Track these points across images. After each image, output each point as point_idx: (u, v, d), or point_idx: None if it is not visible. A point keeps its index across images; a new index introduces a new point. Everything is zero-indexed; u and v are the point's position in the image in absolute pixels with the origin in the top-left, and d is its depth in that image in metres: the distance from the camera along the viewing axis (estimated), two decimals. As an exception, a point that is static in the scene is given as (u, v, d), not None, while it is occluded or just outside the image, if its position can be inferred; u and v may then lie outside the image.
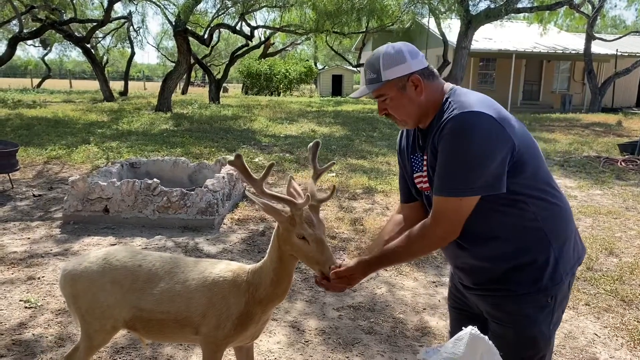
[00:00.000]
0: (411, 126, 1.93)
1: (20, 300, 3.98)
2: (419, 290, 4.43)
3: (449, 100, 1.81)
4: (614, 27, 44.93)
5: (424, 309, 4.09)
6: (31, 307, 3.88)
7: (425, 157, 1.88)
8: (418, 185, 1.98)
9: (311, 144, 2.27)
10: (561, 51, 25.45)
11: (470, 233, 1.83)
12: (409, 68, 1.82)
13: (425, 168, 1.89)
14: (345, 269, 1.94)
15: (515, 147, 1.73)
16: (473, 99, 1.77)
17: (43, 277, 4.43)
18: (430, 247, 1.91)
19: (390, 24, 23.71)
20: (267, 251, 2.23)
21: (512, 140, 1.72)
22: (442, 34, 22.79)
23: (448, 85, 1.90)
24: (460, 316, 2.13)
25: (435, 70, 1.91)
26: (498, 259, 1.84)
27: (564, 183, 8.68)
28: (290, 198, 2.06)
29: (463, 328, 1.48)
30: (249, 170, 2.08)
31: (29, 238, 5.39)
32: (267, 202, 2.06)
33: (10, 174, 7.44)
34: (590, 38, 23.17)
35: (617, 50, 25.02)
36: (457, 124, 1.70)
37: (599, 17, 25.62)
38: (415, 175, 1.98)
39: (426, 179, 1.90)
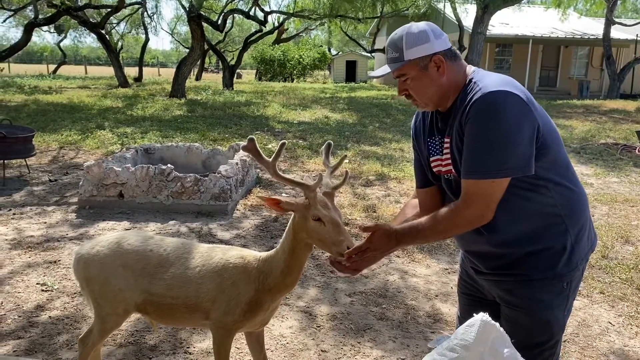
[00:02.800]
0: (431, 108, 1.89)
1: (37, 283, 4.04)
2: (431, 278, 4.43)
3: (473, 81, 1.78)
4: (634, 12, 43.98)
5: (436, 295, 4.08)
6: (48, 290, 3.94)
7: (446, 140, 1.84)
8: (435, 169, 1.95)
9: (324, 145, 2.27)
10: (579, 36, 24.99)
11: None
12: (432, 48, 1.79)
13: (447, 151, 1.85)
14: (369, 239, 1.83)
15: (540, 128, 1.70)
16: (498, 80, 1.73)
17: (59, 260, 4.49)
18: (458, 229, 1.84)
19: (405, 8, 23.46)
20: (280, 241, 2.24)
21: (538, 121, 1.70)
22: (458, 19, 22.48)
23: (471, 68, 1.86)
24: (470, 302, 2.11)
25: (458, 52, 1.86)
26: (515, 244, 1.81)
27: (580, 170, 8.57)
28: (303, 181, 2.06)
29: (474, 314, 1.46)
30: (262, 153, 2.09)
31: (45, 222, 5.46)
32: (279, 198, 2.07)
33: (26, 159, 7.54)
34: (609, 23, 22.71)
35: (637, 35, 24.49)
36: (484, 104, 1.67)
37: (619, 2, 25.10)
38: (432, 159, 1.94)
39: (446, 162, 1.86)
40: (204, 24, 18.48)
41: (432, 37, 1.79)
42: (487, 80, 1.74)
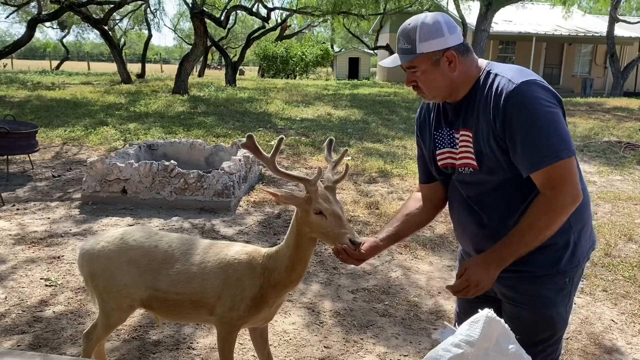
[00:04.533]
0: (439, 100, 1.88)
1: (41, 279, 4.05)
2: (433, 274, 4.43)
3: (491, 73, 1.77)
4: (638, 10, 43.77)
5: (439, 292, 4.08)
6: (51, 286, 3.95)
7: (463, 133, 1.81)
8: (441, 162, 1.93)
9: (326, 141, 2.27)
10: (583, 34, 24.92)
11: (497, 212, 1.81)
12: (445, 43, 1.75)
13: (464, 144, 1.81)
14: (464, 276, 1.75)
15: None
16: (521, 70, 1.74)
17: (63, 256, 4.51)
18: (559, 218, 1.71)
19: (408, 5, 23.43)
20: (285, 237, 2.24)
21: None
22: (461, 16, 22.43)
23: (483, 61, 1.85)
24: (470, 299, 2.11)
25: (469, 45, 1.85)
26: None
27: (584, 168, 8.56)
28: (303, 176, 2.07)
29: (474, 312, 1.47)
30: (261, 149, 2.09)
31: (48, 218, 5.47)
32: (282, 191, 2.07)
33: (30, 155, 7.55)
34: (613, 20, 22.65)
35: (641, 33, 24.44)
36: (523, 95, 1.66)
37: (623, -1, 25.02)
38: (438, 152, 1.93)
39: (462, 155, 1.83)
40: (207, 21, 18.45)
41: (446, 32, 1.75)
42: (510, 71, 1.74)
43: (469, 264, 1.76)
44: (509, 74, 1.73)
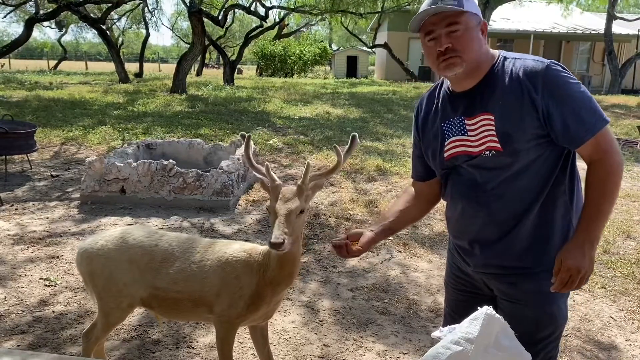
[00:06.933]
0: (463, 70, 1.77)
1: (40, 279, 4.05)
2: (432, 272, 4.43)
3: (509, 58, 1.80)
4: (636, 7, 43.77)
5: (438, 290, 4.09)
6: (51, 285, 3.95)
7: (483, 117, 1.78)
8: (449, 152, 1.88)
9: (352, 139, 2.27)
10: (581, 31, 24.94)
11: (509, 200, 1.80)
12: (480, 13, 1.80)
13: (484, 129, 1.78)
14: (563, 268, 1.68)
15: None
16: (538, 56, 1.82)
17: (62, 256, 4.51)
18: (621, 175, 1.79)
19: (406, 3, 23.42)
20: None
21: None
22: (459, 14, 22.41)
23: (493, 49, 1.87)
24: (464, 297, 2.09)
25: None
26: (524, 234, 1.81)
27: (582, 165, 8.55)
28: (260, 176, 2.21)
29: (469, 310, 1.47)
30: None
31: (47, 218, 5.47)
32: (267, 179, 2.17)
33: (28, 155, 7.54)
34: (611, 18, 22.65)
35: (638, 30, 24.43)
36: (557, 72, 1.72)
37: (621, -4, 25.05)
38: (447, 142, 1.88)
39: (481, 141, 1.79)
40: (205, 19, 18.43)
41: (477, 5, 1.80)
42: (530, 56, 1.80)
43: (561, 256, 1.70)
44: (532, 57, 1.78)
